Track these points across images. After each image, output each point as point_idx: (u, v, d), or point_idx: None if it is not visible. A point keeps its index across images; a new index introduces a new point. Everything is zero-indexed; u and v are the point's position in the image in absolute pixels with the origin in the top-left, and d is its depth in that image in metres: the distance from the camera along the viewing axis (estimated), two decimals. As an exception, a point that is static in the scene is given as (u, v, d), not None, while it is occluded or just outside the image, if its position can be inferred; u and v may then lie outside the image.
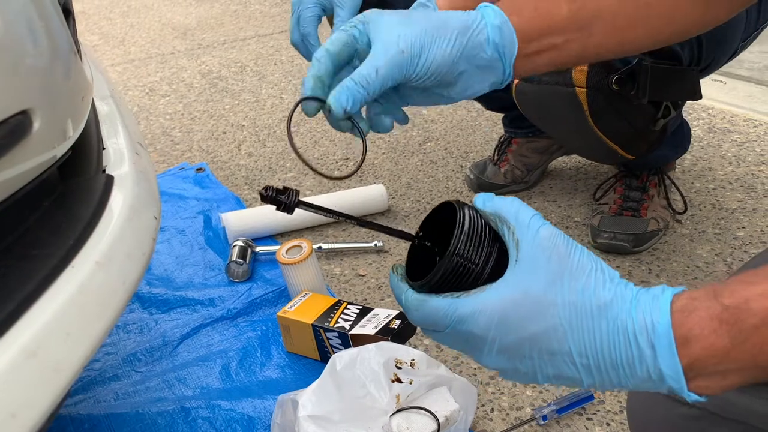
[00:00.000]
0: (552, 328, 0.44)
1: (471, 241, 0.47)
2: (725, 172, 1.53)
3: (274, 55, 2.54)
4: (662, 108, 1.14)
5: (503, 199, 0.48)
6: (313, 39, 1.04)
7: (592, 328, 0.44)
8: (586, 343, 0.44)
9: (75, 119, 0.62)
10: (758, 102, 1.84)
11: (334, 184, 1.62)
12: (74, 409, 1.02)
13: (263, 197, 0.47)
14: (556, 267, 0.44)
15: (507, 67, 0.56)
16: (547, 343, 0.45)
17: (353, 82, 0.51)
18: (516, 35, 0.56)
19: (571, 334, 0.44)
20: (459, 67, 0.54)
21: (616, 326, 0.43)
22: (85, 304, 0.49)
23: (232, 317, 1.19)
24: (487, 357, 0.46)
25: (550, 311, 0.44)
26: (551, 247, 0.45)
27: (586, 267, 0.45)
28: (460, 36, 0.53)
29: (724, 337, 0.41)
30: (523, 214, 0.46)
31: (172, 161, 1.80)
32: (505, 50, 0.55)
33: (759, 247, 1.27)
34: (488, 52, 0.55)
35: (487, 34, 0.55)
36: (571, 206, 1.45)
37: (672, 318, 0.42)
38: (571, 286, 0.44)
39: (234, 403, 1.00)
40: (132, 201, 0.61)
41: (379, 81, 0.51)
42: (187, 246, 1.41)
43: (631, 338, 0.43)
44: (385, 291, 1.24)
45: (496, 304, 0.45)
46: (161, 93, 2.28)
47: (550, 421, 0.93)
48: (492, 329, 0.45)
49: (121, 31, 3.03)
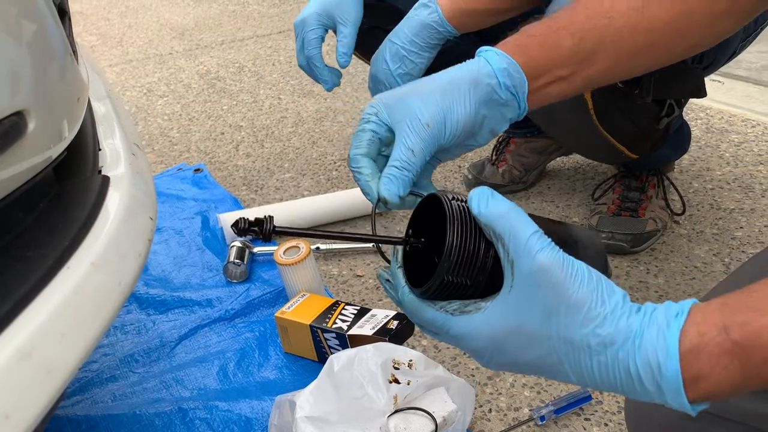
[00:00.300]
0: (548, 356, 0.44)
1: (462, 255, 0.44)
2: (723, 172, 1.53)
3: (272, 55, 2.54)
4: (666, 106, 1.14)
5: (498, 211, 0.44)
6: (317, 61, 1.06)
7: (590, 365, 0.43)
8: (584, 374, 0.44)
9: (71, 120, 0.62)
10: (756, 102, 1.84)
11: (332, 184, 1.62)
12: (71, 410, 1.02)
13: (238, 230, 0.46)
14: (552, 301, 0.43)
15: (521, 102, 0.58)
16: (544, 367, 0.45)
17: (396, 170, 0.53)
18: (524, 73, 0.57)
19: (568, 364, 0.44)
20: (480, 114, 0.56)
21: (616, 362, 0.42)
22: (80, 305, 0.49)
23: (229, 318, 1.19)
24: (487, 365, 0.47)
25: (545, 344, 0.43)
26: (548, 280, 0.42)
27: (585, 301, 0.42)
28: (472, 90, 0.56)
29: (735, 372, 0.40)
30: (520, 235, 0.43)
31: (170, 162, 1.80)
32: (517, 90, 0.57)
33: (757, 247, 1.27)
34: (503, 96, 0.57)
35: (496, 79, 0.57)
36: (569, 206, 1.45)
37: (681, 360, 0.41)
38: (567, 322, 0.43)
39: (231, 404, 1.00)
40: (128, 202, 0.61)
41: (419, 159, 0.53)
42: (184, 247, 1.41)
43: (635, 378, 0.42)
44: (383, 292, 1.24)
45: (489, 332, 0.44)
46: (159, 93, 2.28)
47: (548, 421, 0.93)
48: (487, 351, 0.45)
49: (119, 32, 3.03)
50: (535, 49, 0.58)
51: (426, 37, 1.02)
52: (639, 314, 0.43)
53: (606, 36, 0.60)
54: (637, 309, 0.43)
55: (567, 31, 0.60)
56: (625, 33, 0.60)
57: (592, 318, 0.42)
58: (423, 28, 1.02)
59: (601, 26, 0.60)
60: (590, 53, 0.60)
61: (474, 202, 0.45)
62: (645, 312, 0.43)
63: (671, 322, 0.41)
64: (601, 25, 0.60)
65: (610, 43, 0.60)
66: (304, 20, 1.06)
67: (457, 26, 1.02)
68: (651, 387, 0.42)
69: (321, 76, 1.07)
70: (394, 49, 1.03)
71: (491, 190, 0.46)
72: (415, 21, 1.02)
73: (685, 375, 0.41)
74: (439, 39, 1.03)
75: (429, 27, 1.02)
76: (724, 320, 0.41)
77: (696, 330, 0.41)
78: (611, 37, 0.60)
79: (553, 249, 0.43)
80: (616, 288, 0.44)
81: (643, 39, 0.61)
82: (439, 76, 0.57)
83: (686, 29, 0.61)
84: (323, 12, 1.05)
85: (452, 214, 0.45)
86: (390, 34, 1.05)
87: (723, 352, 0.40)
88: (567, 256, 0.44)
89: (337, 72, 1.10)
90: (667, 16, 0.60)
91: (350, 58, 1.05)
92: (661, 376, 0.41)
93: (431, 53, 1.05)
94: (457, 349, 1.08)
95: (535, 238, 0.43)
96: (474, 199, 0.45)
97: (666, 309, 0.42)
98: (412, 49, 1.03)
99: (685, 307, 0.42)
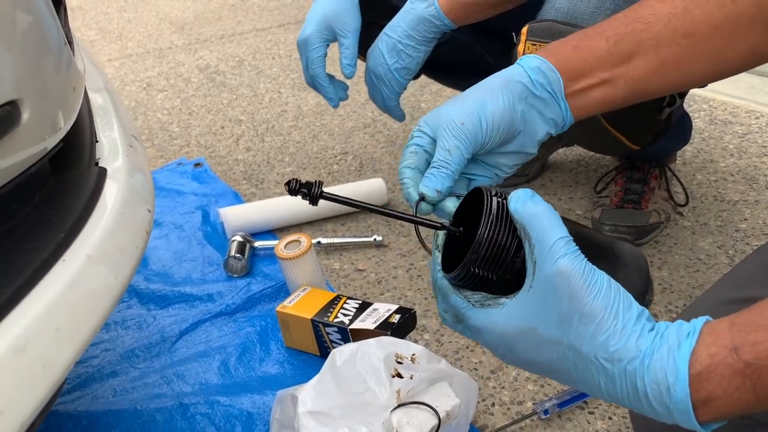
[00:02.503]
0: (558, 361, 0.45)
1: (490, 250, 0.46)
2: (727, 164, 1.52)
3: (272, 49, 2.53)
4: (667, 96, 1.13)
5: (534, 211, 0.45)
6: (322, 80, 1.07)
7: (596, 377, 0.44)
8: (591, 385, 0.44)
9: (66, 111, 0.61)
10: (760, 93, 1.83)
11: (333, 177, 1.61)
12: (72, 405, 1.02)
13: (289, 190, 0.49)
14: (567, 308, 0.43)
15: (561, 101, 0.58)
16: (554, 371, 0.46)
17: (435, 169, 0.55)
18: (559, 72, 0.58)
19: (576, 372, 0.44)
20: (516, 109, 0.56)
21: (624, 379, 0.43)
22: (76, 299, 0.48)
23: (230, 313, 1.18)
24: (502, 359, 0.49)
25: (556, 348, 0.44)
26: (565, 286, 0.43)
27: (598, 312, 0.43)
28: (504, 88, 0.56)
29: (747, 392, 0.41)
30: (548, 237, 0.44)
31: (170, 156, 1.79)
32: (552, 87, 0.57)
33: (761, 239, 1.26)
34: (537, 92, 0.57)
35: (528, 76, 0.57)
36: (572, 199, 1.44)
37: (690, 383, 0.41)
38: (578, 331, 0.43)
39: (233, 398, 0.99)
40: (125, 194, 0.60)
41: (455, 156, 0.54)
42: (185, 241, 1.40)
43: (642, 395, 0.42)
44: (385, 285, 1.23)
45: (503, 329, 0.46)
46: (159, 88, 2.26)
47: (551, 415, 0.93)
48: (500, 347, 0.47)
49: (118, 26, 3.01)
50: (569, 51, 0.59)
51: (423, 30, 1.02)
52: (651, 333, 0.43)
53: (644, 39, 0.59)
54: (651, 328, 0.43)
55: (602, 35, 0.60)
56: (665, 36, 0.59)
57: (603, 331, 0.43)
58: (420, 22, 1.01)
59: (639, 30, 0.59)
60: (628, 55, 0.59)
61: (513, 200, 0.46)
62: (658, 331, 0.43)
63: (682, 342, 0.42)
64: (638, 29, 0.59)
65: (650, 46, 0.59)
66: (306, 40, 1.06)
67: (453, 19, 1.01)
68: (659, 408, 0.42)
69: (326, 93, 1.09)
70: (391, 43, 1.02)
71: (533, 191, 0.47)
72: (412, 15, 1.01)
73: (695, 397, 0.41)
74: (436, 33, 1.02)
75: (426, 21, 1.01)
76: (734, 341, 0.41)
77: (707, 351, 0.41)
78: (650, 40, 0.59)
79: (577, 256, 0.44)
80: (634, 304, 0.44)
81: (686, 43, 0.59)
82: (476, 85, 0.58)
83: (734, 33, 0.60)
84: (323, 27, 1.05)
85: (489, 208, 0.46)
86: (386, 28, 1.04)
87: (734, 374, 0.40)
88: (590, 266, 0.44)
89: (343, 86, 1.11)
90: (711, 20, 0.59)
91: (355, 68, 1.06)
92: (670, 398, 0.41)
93: (428, 47, 1.04)
94: (459, 343, 1.08)
95: (562, 242, 0.44)
96: (513, 197, 0.47)
97: (678, 329, 0.43)
98: (408, 43, 1.02)
99: (696, 327, 0.43)
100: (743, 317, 0.42)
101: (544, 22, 1.01)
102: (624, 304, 0.43)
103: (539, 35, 1.01)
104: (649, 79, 0.60)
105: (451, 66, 1.34)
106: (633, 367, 0.42)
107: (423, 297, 1.19)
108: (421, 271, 1.25)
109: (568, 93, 0.58)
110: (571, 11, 1.00)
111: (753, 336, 0.41)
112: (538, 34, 1.01)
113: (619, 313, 0.43)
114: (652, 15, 0.60)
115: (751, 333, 0.41)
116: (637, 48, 0.59)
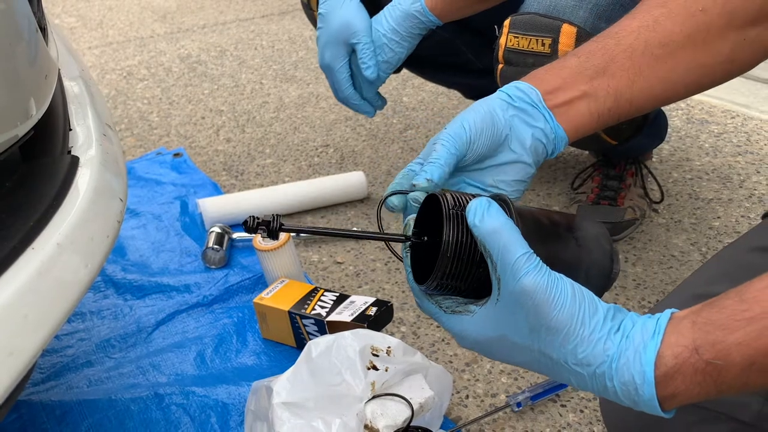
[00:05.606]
0: (533, 362, 0.47)
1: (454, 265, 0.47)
2: (702, 162, 1.54)
3: (254, 39, 2.51)
4: None
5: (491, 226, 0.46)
6: (354, 99, 1.07)
7: (569, 378, 0.47)
8: (565, 380, 0.47)
9: (38, 98, 0.60)
10: (736, 93, 1.86)
11: (313, 170, 1.60)
12: (46, 395, 1.01)
13: (247, 228, 0.49)
14: (534, 321, 0.45)
15: (543, 110, 0.59)
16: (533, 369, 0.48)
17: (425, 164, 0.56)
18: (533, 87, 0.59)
19: (549, 372, 0.47)
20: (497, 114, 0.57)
21: (594, 380, 0.46)
22: (44, 287, 0.48)
23: (208, 304, 1.18)
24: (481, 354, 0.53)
25: (528, 353, 0.47)
26: (530, 303, 0.45)
27: (565, 324, 0.45)
28: (482, 102, 0.59)
29: (708, 387, 0.44)
30: (509, 254, 0.45)
31: (149, 146, 1.77)
32: (531, 97, 0.58)
33: (733, 237, 1.28)
34: (516, 103, 0.58)
35: (506, 93, 0.59)
36: (549, 195, 1.45)
37: (656, 384, 0.44)
38: (547, 341, 0.46)
39: (208, 389, 0.99)
40: (97, 183, 0.59)
41: (442, 153, 0.55)
42: (163, 232, 1.39)
43: (612, 395, 0.45)
44: (363, 278, 1.23)
45: (476, 336, 0.48)
46: (139, 77, 2.24)
47: (524, 407, 0.94)
48: (476, 349, 0.49)
49: (99, 14, 2.97)
50: (542, 72, 0.61)
51: (408, 26, 1.02)
52: (617, 335, 0.45)
53: (617, 52, 0.60)
54: (617, 328, 0.45)
55: (573, 55, 0.62)
56: (638, 47, 0.60)
57: (570, 340, 0.45)
58: (405, 18, 1.01)
59: (610, 45, 0.61)
60: (602, 67, 0.60)
61: (470, 214, 0.47)
62: (624, 332, 0.45)
63: (648, 344, 0.44)
64: (609, 44, 0.61)
65: (624, 57, 0.60)
66: (329, 65, 1.04)
67: (439, 15, 1.01)
68: (628, 402, 0.45)
69: (361, 110, 1.09)
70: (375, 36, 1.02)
71: (489, 201, 0.47)
72: (398, 10, 1.01)
73: (661, 394, 0.44)
74: (421, 29, 1.02)
75: (411, 17, 1.01)
76: (695, 340, 0.44)
77: (671, 352, 0.44)
78: (623, 52, 0.60)
79: (539, 271, 0.45)
80: (600, 307, 0.46)
81: (661, 52, 0.60)
82: None
83: (708, 41, 0.61)
84: (338, 42, 1.02)
85: (449, 224, 0.47)
86: (372, 21, 1.03)
87: (696, 372, 0.43)
88: (553, 277, 0.45)
89: (375, 98, 1.09)
90: (684, 29, 0.60)
91: (376, 68, 1.03)
92: (638, 396, 0.44)
93: (411, 43, 1.04)
94: (436, 336, 1.08)
95: (523, 259, 0.45)
96: (471, 210, 0.47)
97: (642, 328, 0.45)
98: (393, 38, 1.02)
99: (661, 325, 0.45)
100: (704, 315, 0.45)
101: (526, 14, 1.02)
102: (589, 310, 0.45)
103: (521, 27, 1.01)
104: (630, 88, 0.61)
105: (433, 60, 1.34)
106: (602, 370, 0.45)
107: (400, 290, 1.20)
108: (399, 264, 1.26)
109: (551, 106, 0.59)
110: (552, 4, 1.01)
111: (713, 336, 0.43)
112: (521, 27, 1.01)
113: (585, 320, 0.45)
114: (622, 30, 0.61)
115: (710, 333, 0.44)
116: (611, 59, 0.60)
